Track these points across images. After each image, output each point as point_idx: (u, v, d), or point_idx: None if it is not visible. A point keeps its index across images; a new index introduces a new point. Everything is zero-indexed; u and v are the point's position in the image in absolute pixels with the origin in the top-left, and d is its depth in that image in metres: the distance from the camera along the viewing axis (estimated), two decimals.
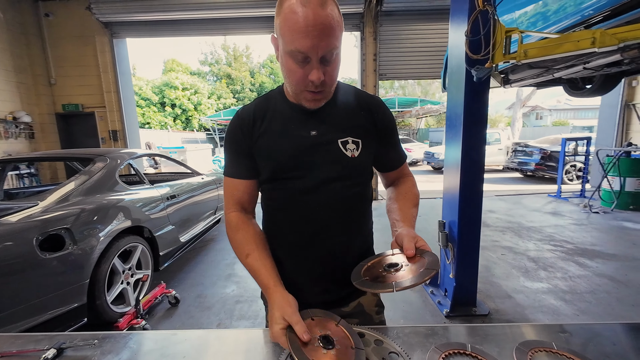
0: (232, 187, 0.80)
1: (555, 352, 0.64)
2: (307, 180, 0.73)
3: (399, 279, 0.59)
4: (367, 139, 0.77)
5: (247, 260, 0.73)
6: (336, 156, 0.73)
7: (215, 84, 21.28)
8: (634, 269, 2.77)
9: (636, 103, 5.84)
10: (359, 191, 0.78)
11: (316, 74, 0.63)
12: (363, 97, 0.81)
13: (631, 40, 1.43)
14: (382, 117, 0.79)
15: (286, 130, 0.75)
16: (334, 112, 0.76)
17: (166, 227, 2.55)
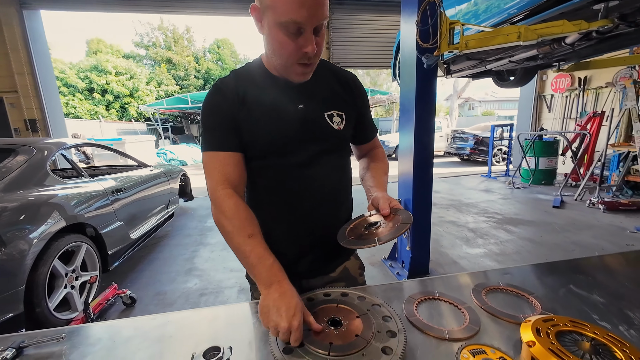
0: (217, 161, 0.70)
1: (502, 288, 0.78)
2: (300, 155, 0.73)
3: (380, 235, 0.66)
4: (349, 112, 0.79)
5: (250, 240, 0.65)
6: (324, 129, 0.74)
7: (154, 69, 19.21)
8: (546, 231, 3.35)
9: (545, 94, 6.89)
10: (346, 162, 0.82)
11: (312, 46, 0.62)
12: (339, 71, 0.82)
13: (547, 35, 1.69)
14: (358, 91, 0.82)
15: (273, 104, 0.72)
16: (316, 85, 0.76)
17: (113, 224, 2.31)
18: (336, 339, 0.58)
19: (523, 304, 0.71)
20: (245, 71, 0.76)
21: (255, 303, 0.77)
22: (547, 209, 4.18)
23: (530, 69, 3.46)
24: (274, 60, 0.69)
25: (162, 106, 12.56)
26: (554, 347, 0.51)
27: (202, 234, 3.61)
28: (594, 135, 5.10)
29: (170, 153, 10.67)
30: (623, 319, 0.65)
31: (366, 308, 0.67)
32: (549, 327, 0.56)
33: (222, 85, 0.73)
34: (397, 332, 0.59)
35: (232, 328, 0.68)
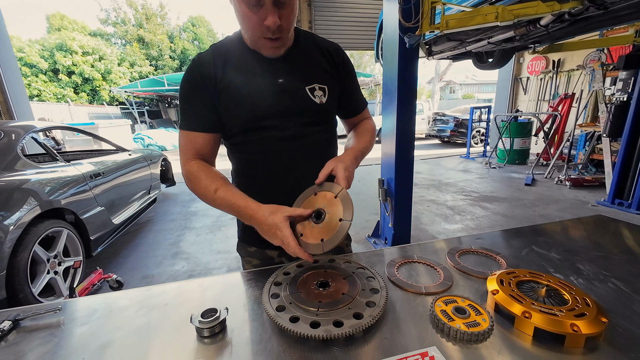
0: (190, 139, 0.74)
1: (473, 250, 0.86)
2: (282, 129, 0.74)
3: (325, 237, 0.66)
4: (332, 85, 0.78)
5: (217, 194, 0.69)
6: (305, 103, 0.74)
7: (124, 49, 17.99)
8: (518, 206, 3.58)
9: (522, 77, 7.10)
10: (331, 135, 0.83)
11: (272, 19, 0.60)
12: (323, 42, 0.80)
13: (523, 16, 1.75)
14: (343, 62, 0.81)
15: (252, 79, 0.72)
16: (298, 58, 0.75)
17: (94, 209, 2.26)
18: (325, 298, 0.63)
19: (491, 263, 0.80)
20: (224, 46, 0.75)
21: (247, 272, 0.81)
22: (519, 186, 4.43)
23: (508, 51, 3.55)
24: (244, 34, 0.70)
25: (137, 88, 11.91)
26: (514, 294, 0.59)
27: (187, 219, 3.58)
28: (564, 116, 5.37)
29: (148, 138, 10.25)
30: (574, 270, 0.74)
31: (351, 271, 0.73)
32: (511, 279, 0.64)
33: (200, 60, 0.72)
34: (379, 289, 0.65)
35: (226, 294, 0.72)
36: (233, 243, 2.83)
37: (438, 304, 0.61)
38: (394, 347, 0.52)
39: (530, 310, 0.54)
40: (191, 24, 20.53)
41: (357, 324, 0.55)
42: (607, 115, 3.62)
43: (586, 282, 0.69)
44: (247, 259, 0.90)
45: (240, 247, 0.92)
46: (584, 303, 0.56)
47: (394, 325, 0.57)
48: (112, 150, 3.36)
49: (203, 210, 3.86)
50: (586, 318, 0.52)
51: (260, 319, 0.62)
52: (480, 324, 0.55)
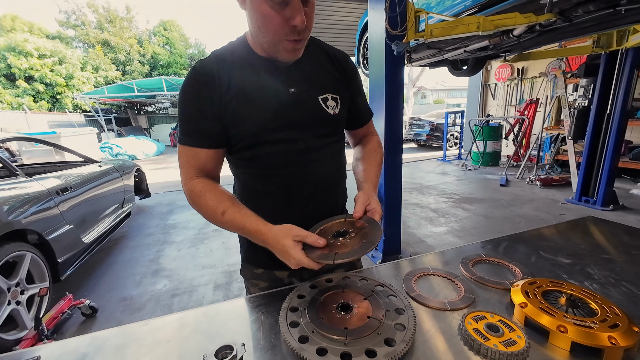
0: (192, 156, 0.68)
1: (485, 259, 0.85)
2: (294, 142, 0.69)
3: (340, 250, 0.61)
4: (343, 95, 0.75)
5: (225, 217, 0.64)
6: (319, 114, 0.70)
7: (87, 52, 16.93)
8: (496, 207, 3.74)
9: (490, 83, 7.53)
10: (341, 147, 0.79)
11: (300, 17, 0.56)
12: (331, 49, 0.76)
13: (502, 26, 1.83)
14: (351, 71, 0.77)
15: (262, 88, 0.66)
16: (309, 66, 0.70)
17: (62, 228, 2.05)
18: (350, 323, 0.58)
19: (505, 271, 0.79)
20: (228, 52, 0.68)
21: (254, 297, 0.74)
22: (495, 187, 4.64)
23: (481, 59, 3.73)
24: (259, 38, 0.63)
25: (103, 94, 11.23)
26: (542, 306, 0.58)
27: (165, 232, 3.37)
28: (531, 120, 5.74)
29: (117, 147, 9.67)
30: (586, 275, 0.75)
31: (371, 289, 0.69)
32: (535, 289, 0.63)
33: (203, 68, 0.66)
34: (405, 309, 0.61)
35: (236, 324, 0.65)
36: (218, 256, 2.71)
37: (468, 321, 0.58)
38: None
39: (564, 324, 0.53)
40: (162, 28, 19.81)
41: (391, 351, 0.51)
42: (570, 119, 3.90)
43: (600, 287, 0.70)
44: (253, 281, 0.83)
45: (245, 269, 0.85)
46: (612, 312, 0.55)
47: (427, 349, 0.54)
48: (79, 162, 3.09)
49: (183, 222, 3.66)
50: (620, 329, 0.51)
51: (281, 352, 0.56)
52: (517, 342, 0.52)
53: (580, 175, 3.63)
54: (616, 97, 3.16)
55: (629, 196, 3.85)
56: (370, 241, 0.59)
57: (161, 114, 17.49)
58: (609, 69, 3.19)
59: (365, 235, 0.62)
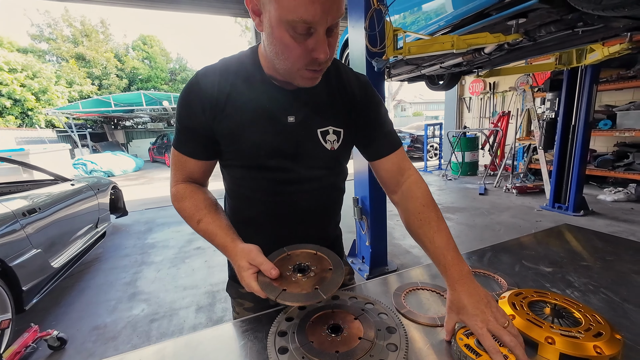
0: (183, 163, 0.68)
1: (473, 270, 0.86)
2: (287, 171, 0.67)
3: (290, 288, 0.57)
4: (349, 127, 0.69)
5: (200, 226, 0.65)
6: (315, 148, 0.66)
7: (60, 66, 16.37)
8: (477, 215, 3.85)
9: (465, 97, 7.91)
10: (337, 180, 0.75)
11: (324, 51, 0.51)
12: (348, 74, 0.69)
13: (474, 45, 1.94)
14: (367, 99, 0.70)
15: (260, 113, 0.63)
16: (316, 92, 0.65)
17: (28, 253, 1.90)
18: (341, 346, 0.56)
19: (492, 282, 0.80)
20: (235, 65, 0.64)
21: (240, 321, 0.71)
22: (475, 196, 4.80)
23: (456, 75, 3.93)
24: (276, 63, 0.57)
25: (78, 110, 10.82)
26: (530, 317, 0.58)
27: (144, 252, 3.21)
28: (504, 131, 6.04)
29: (91, 163, 9.25)
30: (567, 283, 0.77)
31: (360, 308, 0.67)
32: (521, 300, 0.64)
33: (205, 78, 0.62)
34: (396, 327, 0.60)
35: (222, 353, 0.61)
36: (200, 276, 2.59)
37: (459, 337, 0.58)
38: None
39: (552, 335, 0.53)
40: (142, 43, 19.58)
41: None
42: (540, 130, 4.14)
43: (581, 294, 0.72)
44: (238, 300, 0.80)
45: (231, 287, 0.81)
46: (595, 321, 0.57)
47: None
48: (49, 181, 2.92)
49: (163, 241, 3.50)
50: (604, 337, 0.52)
51: None
52: (508, 356, 0.52)
53: (552, 183, 3.83)
54: (579, 110, 3.39)
55: (597, 202, 4.08)
56: (322, 291, 0.55)
57: (140, 129, 17.02)
58: (571, 84, 3.44)
59: (321, 280, 0.58)
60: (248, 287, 0.57)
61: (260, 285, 0.56)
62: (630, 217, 3.43)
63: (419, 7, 2.53)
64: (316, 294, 0.54)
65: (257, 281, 0.57)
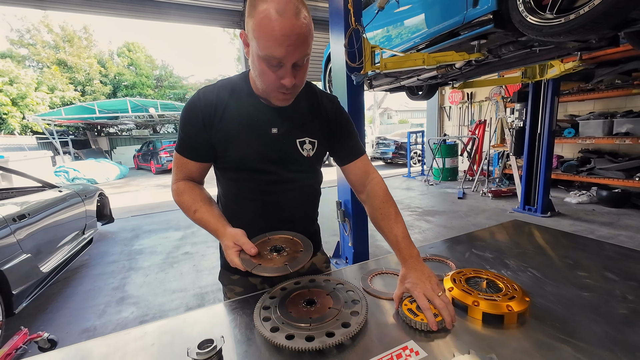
0: (183, 164, 0.81)
1: (428, 258, 1.01)
2: (272, 173, 0.80)
3: (265, 263, 0.69)
4: (322, 139, 0.84)
5: (196, 215, 0.76)
6: (294, 155, 0.81)
7: (42, 72, 15.96)
8: (454, 217, 4.07)
9: (445, 106, 8.29)
10: (314, 183, 0.90)
11: (289, 80, 0.66)
12: (322, 95, 0.86)
13: (442, 62, 2.15)
14: (336, 115, 0.86)
15: (248, 125, 0.78)
16: (296, 110, 0.80)
17: (18, 257, 1.93)
18: (314, 314, 0.69)
19: (444, 266, 0.96)
20: (230, 85, 0.79)
21: (231, 302, 0.83)
22: (454, 200, 5.04)
23: (433, 86, 4.19)
24: (258, 84, 0.74)
25: (60, 116, 10.59)
26: (464, 288, 0.74)
27: (131, 258, 3.23)
28: (481, 139, 6.38)
29: (74, 171, 9.05)
30: (504, 265, 0.93)
31: (332, 287, 0.81)
32: (461, 277, 0.79)
33: (205, 96, 0.76)
34: (360, 300, 0.74)
35: (215, 325, 0.73)
36: (189, 280, 2.65)
37: (405, 303, 0.72)
38: (379, 346, 0.61)
39: (478, 300, 0.69)
40: (127, 49, 19.35)
41: (346, 332, 0.63)
42: (511, 138, 4.44)
43: (512, 273, 0.88)
44: (229, 287, 0.92)
45: (223, 275, 0.93)
46: (512, 289, 0.72)
47: (376, 329, 0.67)
48: (36, 188, 2.93)
49: (150, 247, 3.53)
50: (515, 299, 0.68)
51: (255, 343, 0.65)
52: (439, 316, 0.67)
53: (522, 187, 4.11)
54: (544, 119, 3.70)
55: (563, 204, 4.40)
56: (289, 266, 0.67)
57: (124, 136, 16.72)
58: (536, 95, 3.75)
59: (292, 259, 0.70)
60: (232, 263, 0.68)
61: (241, 261, 0.68)
62: (592, 218, 3.73)
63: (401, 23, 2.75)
64: (285, 268, 0.67)
65: (239, 257, 0.69)
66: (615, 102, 4.65)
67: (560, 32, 1.50)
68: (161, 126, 18.21)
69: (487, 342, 0.61)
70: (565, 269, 0.90)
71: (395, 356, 0.58)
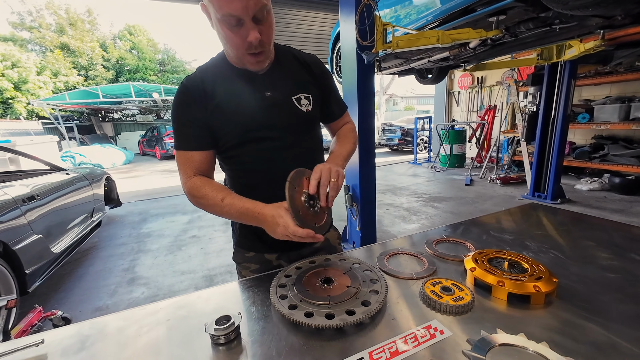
0: (189, 159, 0.78)
1: (446, 239, 0.98)
2: (276, 139, 0.78)
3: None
4: (315, 93, 0.84)
5: (225, 202, 0.73)
6: (294, 112, 0.79)
7: (44, 56, 15.81)
8: (462, 204, 4.03)
9: (454, 91, 8.08)
10: (318, 143, 0.89)
11: (253, 34, 0.65)
12: (301, 54, 0.86)
13: (458, 40, 2.06)
14: (321, 72, 0.87)
15: (241, 95, 0.76)
16: (280, 72, 0.80)
17: (29, 238, 1.95)
18: (332, 292, 0.68)
19: (462, 248, 0.93)
20: (210, 67, 0.79)
21: (246, 280, 0.81)
22: (461, 186, 4.99)
23: (443, 69, 4.06)
24: (229, 54, 0.73)
25: (64, 100, 10.55)
26: (487, 268, 0.71)
27: (140, 241, 3.27)
28: (490, 125, 6.24)
29: (80, 156, 9.10)
30: (524, 247, 0.90)
31: (349, 266, 0.79)
32: (482, 257, 0.77)
33: (189, 83, 0.76)
34: (378, 279, 0.72)
35: (230, 302, 0.72)
36: (197, 262, 2.68)
37: (427, 285, 0.70)
38: (400, 325, 0.59)
39: (503, 280, 0.66)
40: (128, 33, 19.02)
41: (367, 310, 0.61)
42: (523, 123, 4.32)
43: (534, 254, 0.86)
44: (244, 264, 0.91)
45: (238, 253, 0.92)
46: (539, 270, 0.70)
47: (395, 308, 0.65)
48: (44, 170, 2.94)
49: (158, 231, 3.56)
50: (543, 280, 0.65)
51: (272, 320, 0.64)
52: (464, 297, 0.65)
53: (532, 173, 4.03)
54: (558, 104, 3.57)
55: (574, 191, 4.32)
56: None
57: (128, 121, 16.68)
58: (552, 78, 3.61)
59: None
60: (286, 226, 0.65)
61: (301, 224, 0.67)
62: (602, 205, 3.66)
63: (410, 1, 2.62)
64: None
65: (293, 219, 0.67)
66: (633, 85, 4.47)
67: (588, 4, 1.41)
68: (165, 112, 18.12)
69: (514, 321, 0.58)
70: (587, 250, 0.87)
71: (419, 335, 0.56)
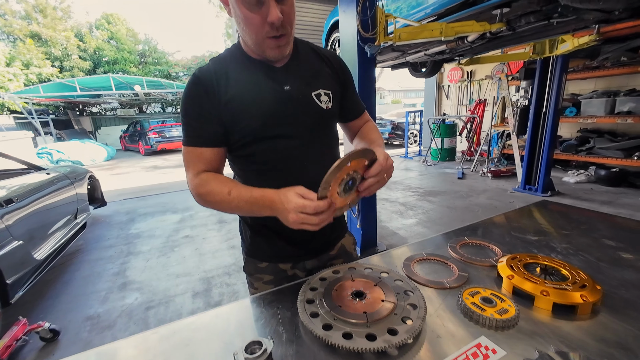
0: (198, 155, 0.71)
1: (469, 242, 0.95)
2: (292, 136, 0.72)
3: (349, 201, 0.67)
4: (335, 90, 0.79)
5: (232, 194, 0.66)
6: (313, 109, 0.74)
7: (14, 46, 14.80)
8: (456, 198, 4.07)
9: (443, 84, 8.13)
10: (335, 140, 0.83)
11: (275, 13, 0.60)
12: (321, 50, 0.81)
13: (461, 32, 2.02)
14: (341, 68, 0.83)
15: (258, 87, 0.70)
16: (300, 66, 0.75)
17: (9, 244, 1.80)
18: (367, 308, 0.62)
19: (488, 251, 0.89)
20: (224, 58, 0.73)
21: (257, 297, 0.74)
22: (453, 180, 5.04)
23: (438, 62, 4.04)
24: (247, 40, 0.67)
25: (38, 94, 9.94)
26: (526, 276, 0.67)
27: (129, 242, 3.12)
28: (480, 118, 6.31)
29: (58, 152, 8.64)
30: (550, 248, 0.88)
31: (377, 277, 0.74)
32: (517, 263, 0.73)
33: (201, 74, 0.70)
34: (412, 290, 0.67)
35: (251, 321, 0.66)
36: (192, 264, 2.58)
37: (466, 296, 0.65)
38: (447, 344, 0.54)
39: (546, 289, 0.62)
40: (106, 22, 18.04)
41: (410, 328, 0.56)
42: (514, 117, 4.38)
43: (563, 257, 0.83)
44: (257, 276, 0.84)
45: (249, 264, 0.85)
46: (579, 276, 0.66)
47: (436, 324, 0.60)
48: (21, 170, 2.74)
49: (148, 231, 3.41)
50: (588, 288, 0.62)
51: (304, 343, 0.58)
52: (508, 310, 0.61)
53: (523, 166, 4.10)
54: (550, 97, 3.63)
55: (562, 183, 4.44)
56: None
57: (108, 115, 15.98)
58: (544, 73, 3.65)
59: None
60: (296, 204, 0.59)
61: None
62: (591, 197, 3.78)
63: None
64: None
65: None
66: (617, 80, 4.61)
67: None
68: (147, 105, 17.44)
69: (566, 336, 0.55)
70: (616, 251, 0.85)
71: (471, 355, 0.52)
